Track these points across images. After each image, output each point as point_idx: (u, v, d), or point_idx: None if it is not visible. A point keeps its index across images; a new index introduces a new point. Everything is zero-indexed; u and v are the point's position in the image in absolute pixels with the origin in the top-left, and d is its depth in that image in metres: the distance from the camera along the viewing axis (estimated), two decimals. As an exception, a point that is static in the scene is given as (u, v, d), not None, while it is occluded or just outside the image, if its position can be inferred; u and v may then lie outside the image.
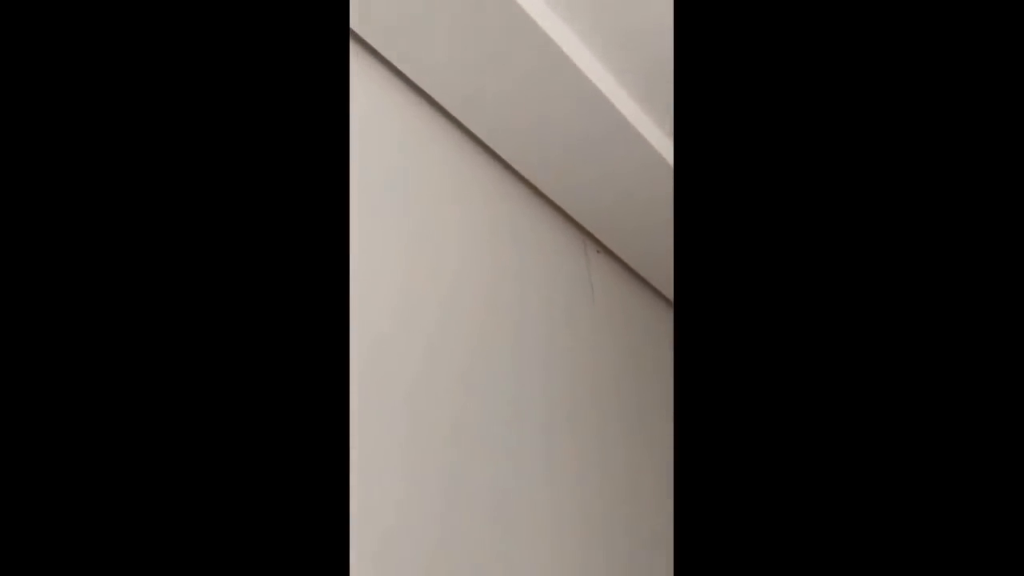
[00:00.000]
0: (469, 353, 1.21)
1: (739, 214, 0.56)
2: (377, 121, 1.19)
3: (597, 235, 1.59)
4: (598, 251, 1.62)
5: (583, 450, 1.39)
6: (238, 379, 0.51)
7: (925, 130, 0.54)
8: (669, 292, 1.76)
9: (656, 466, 1.59)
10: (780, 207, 0.56)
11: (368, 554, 0.95)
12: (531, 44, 1.17)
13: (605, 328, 1.56)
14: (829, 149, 0.55)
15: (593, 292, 1.56)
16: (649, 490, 1.54)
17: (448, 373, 1.16)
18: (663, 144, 1.41)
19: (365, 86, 1.18)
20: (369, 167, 1.15)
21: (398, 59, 1.20)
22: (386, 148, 1.19)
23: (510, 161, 1.40)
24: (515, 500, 1.20)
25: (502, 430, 1.22)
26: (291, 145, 0.54)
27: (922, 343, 0.52)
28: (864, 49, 0.55)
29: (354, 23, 1.14)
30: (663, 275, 1.70)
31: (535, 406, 1.30)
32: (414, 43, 1.17)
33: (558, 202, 1.50)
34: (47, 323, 0.49)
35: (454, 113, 1.30)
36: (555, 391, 1.36)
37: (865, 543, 0.51)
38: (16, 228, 0.49)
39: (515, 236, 1.40)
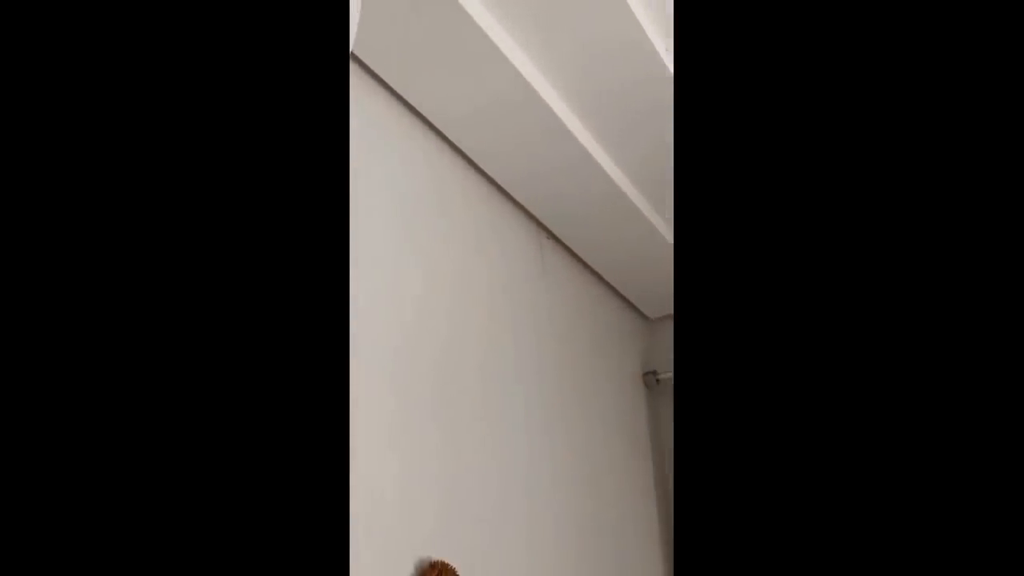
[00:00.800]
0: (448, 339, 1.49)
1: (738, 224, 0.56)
2: (376, 139, 1.44)
3: (549, 226, 1.89)
4: (548, 238, 1.92)
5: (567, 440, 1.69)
6: (241, 380, 0.52)
7: (909, 197, 0.53)
8: (604, 272, 2.07)
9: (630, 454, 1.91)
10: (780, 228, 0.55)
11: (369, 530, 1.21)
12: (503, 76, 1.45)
13: (553, 303, 1.86)
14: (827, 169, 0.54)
15: (543, 270, 1.86)
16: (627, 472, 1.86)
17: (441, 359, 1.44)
18: (600, 154, 1.71)
19: (363, 106, 1.44)
20: (363, 176, 1.40)
21: (405, 91, 1.47)
22: (380, 158, 1.45)
23: (485, 169, 1.69)
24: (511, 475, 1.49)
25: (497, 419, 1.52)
26: (295, 150, 0.56)
27: (909, 336, 0.52)
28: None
29: (354, 47, 1.39)
30: (599, 258, 2.02)
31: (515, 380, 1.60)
32: (421, 78, 1.44)
33: (519, 200, 1.79)
34: (53, 324, 0.49)
35: (448, 135, 1.59)
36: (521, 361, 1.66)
37: (864, 544, 0.50)
38: (21, 230, 0.48)
39: (478, 226, 1.69)
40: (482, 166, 1.69)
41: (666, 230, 1.95)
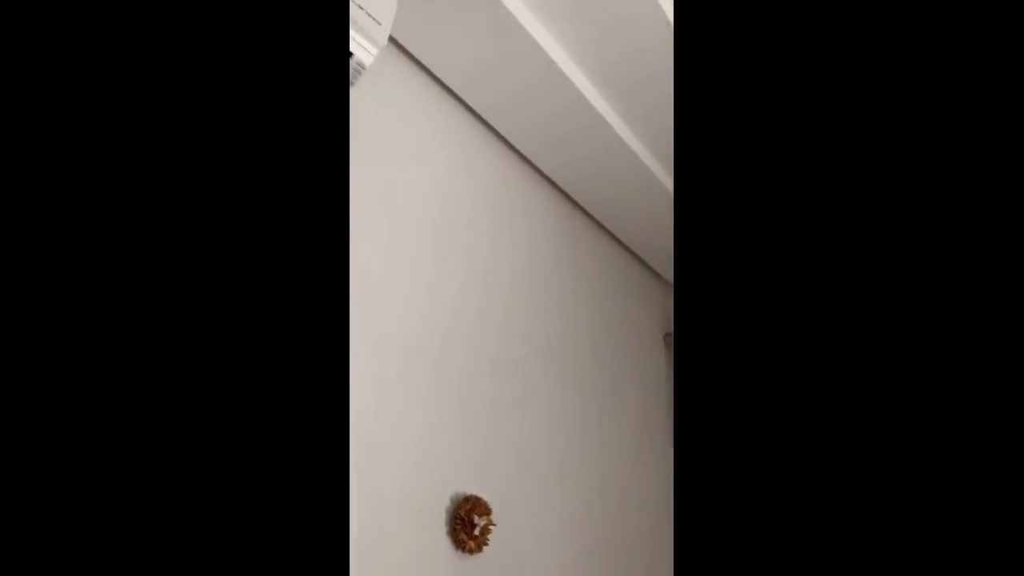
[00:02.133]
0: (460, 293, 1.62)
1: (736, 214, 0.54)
2: (424, 126, 1.55)
3: (579, 202, 2.02)
4: (575, 208, 2.04)
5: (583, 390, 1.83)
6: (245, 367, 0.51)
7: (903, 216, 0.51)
8: (629, 242, 2.22)
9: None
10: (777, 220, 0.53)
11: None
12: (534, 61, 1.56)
13: (581, 270, 2.00)
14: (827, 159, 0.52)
15: (571, 241, 1.99)
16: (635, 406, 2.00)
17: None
18: (620, 125, 1.81)
19: (409, 91, 1.53)
20: (407, 151, 1.50)
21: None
22: (418, 140, 1.55)
23: (510, 140, 1.82)
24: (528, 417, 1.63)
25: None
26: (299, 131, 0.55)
27: (896, 335, 0.50)
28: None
29: (396, 33, 1.51)
30: (623, 228, 2.16)
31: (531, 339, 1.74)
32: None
33: (547, 174, 1.92)
34: (53, 322, 0.47)
35: (481, 114, 1.72)
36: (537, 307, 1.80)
37: (863, 546, 0.49)
38: (25, 230, 0.47)
39: (496, 193, 1.82)
40: (512, 142, 1.81)
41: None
